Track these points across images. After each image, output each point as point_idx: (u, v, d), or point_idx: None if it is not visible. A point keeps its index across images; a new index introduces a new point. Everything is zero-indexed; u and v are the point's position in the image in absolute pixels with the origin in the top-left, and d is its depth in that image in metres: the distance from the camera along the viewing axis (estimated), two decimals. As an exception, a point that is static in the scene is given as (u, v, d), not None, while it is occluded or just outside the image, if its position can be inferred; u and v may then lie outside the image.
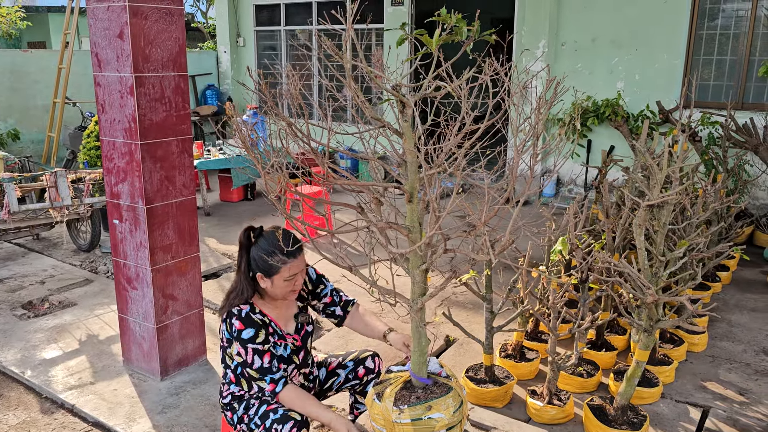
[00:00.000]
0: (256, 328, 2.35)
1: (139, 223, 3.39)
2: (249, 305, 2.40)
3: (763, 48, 6.64)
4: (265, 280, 2.38)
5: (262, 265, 2.36)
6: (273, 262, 2.32)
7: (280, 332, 2.48)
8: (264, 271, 2.36)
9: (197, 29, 16.21)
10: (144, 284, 3.48)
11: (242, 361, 2.34)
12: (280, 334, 2.48)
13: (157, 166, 3.37)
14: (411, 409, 2.23)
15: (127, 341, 3.70)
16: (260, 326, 2.37)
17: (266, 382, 2.34)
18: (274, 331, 2.45)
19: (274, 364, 2.37)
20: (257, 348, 2.33)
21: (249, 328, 2.34)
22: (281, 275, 2.36)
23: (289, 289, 2.40)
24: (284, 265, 2.34)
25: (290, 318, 2.57)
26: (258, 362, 2.33)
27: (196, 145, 7.87)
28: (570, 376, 3.54)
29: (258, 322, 2.37)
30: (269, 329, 2.42)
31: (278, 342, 2.46)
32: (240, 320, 2.34)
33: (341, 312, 2.74)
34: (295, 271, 2.38)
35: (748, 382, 3.69)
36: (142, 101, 3.25)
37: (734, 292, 5.09)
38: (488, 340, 3.42)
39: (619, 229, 3.89)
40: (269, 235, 2.39)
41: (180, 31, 3.37)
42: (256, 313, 2.40)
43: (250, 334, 2.33)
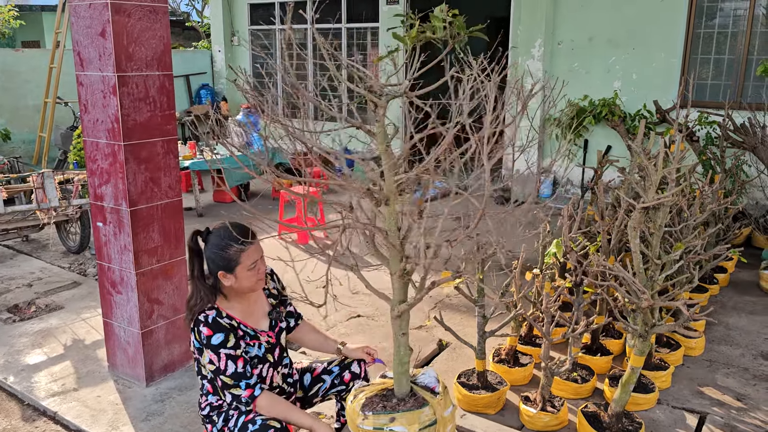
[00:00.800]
0: (225, 333, 2.27)
1: (123, 226, 3.31)
2: (215, 310, 2.31)
3: (761, 47, 6.57)
4: (228, 277, 2.30)
5: (220, 262, 2.28)
6: (230, 254, 2.25)
7: (251, 332, 2.40)
8: (224, 267, 2.28)
9: (192, 28, 16.13)
10: (128, 288, 3.40)
11: (215, 368, 2.25)
12: (252, 333, 2.40)
13: (141, 168, 3.29)
14: (375, 417, 2.20)
15: (112, 346, 3.62)
16: (229, 330, 2.29)
17: (242, 388, 2.27)
18: (245, 333, 2.37)
19: (248, 370, 2.30)
20: (229, 353, 2.25)
21: (218, 333, 2.26)
22: (243, 265, 2.28)
23: (255, 278, 2.33)
24: (243, 253, 2.27)
25: (263, 315, 2.50)
26: (231, 368, 2.25)
27: (189, 145, 7.80)
28: (564, 381, 3.47)
29: (226, 326, 2.29)
30: (238, 332, 2.34)
31: (251, 343, 2.38)
32: (207, 326, 2.26)
33: (294, 323, 2.69)
34: (255, 257, 2.31)
35: (746, 387, 3.62)
36: (126, 101, 3.17)
37: (732, 295, 5.02)
38: (480, 345, 3.35)
39: (614, 231, 3.82)
40: (218, 230, 2.31)
41: (164, 29, 3.29)
42: (224, 317, 2.32)
43: (220, 339, 2.25)
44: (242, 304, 2.40)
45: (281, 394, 2.54)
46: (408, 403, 2.22)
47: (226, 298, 2.36)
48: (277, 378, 2.50)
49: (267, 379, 2.45)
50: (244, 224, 2.33)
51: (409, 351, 2.24)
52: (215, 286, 2.33)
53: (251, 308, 2.43)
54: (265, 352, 2.42)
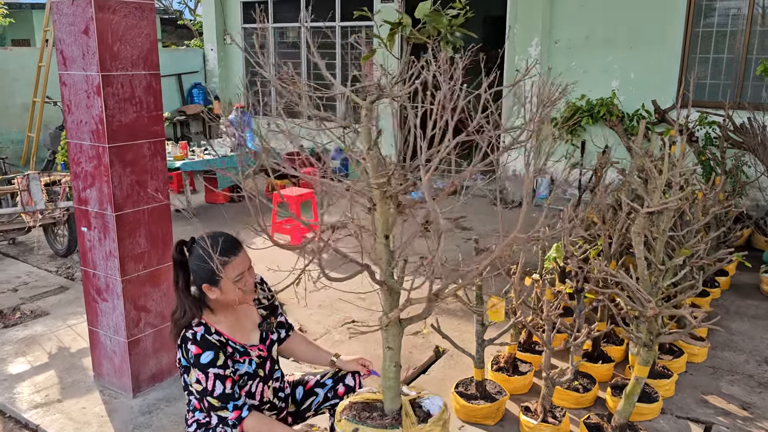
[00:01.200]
0: (215, 351, 2.15)
1: (109, 231, 3.19)
2: (203, 326, 2.19)
3: (760, 46, 6.49)
4: (213, 290, 2.18)
5: (204, 274, 2.16)
6: (214, 267, 2.11)
7: (241, 348, 2.28)
8: (208, 280, 2.16)
9: (185, 26, 15.96)
10: (114, 296, 3.27)
11: (202, 389, 2.13)
12: (242, 349, 2.28)
13: (127, 171, 3.17)
14: (346, 423, 2.16)
15: (98, 356, 3.49)
16: (218, 348, 2.17)
17: (229, 410, 2.15)
18: (234, 349, 2.25)
19: (236, 391, 2.18)
20: (219, 373, 2.13)
21: (207, 351, 2.14)
22: (228, 278, 2.15)
23: (242, 291, 2.20)
24: (227, 265, 2.14)
25: (253, 327, 2.38)
26: (219, 388, 2.13)
27: (181, 145, 7.67)
28: (565, 390, 3.36)
29: (216, 344, 2.17)
30: (228, 349, 2.22)
31: (240, 359, 2.26)
32: (196, 344, 2.14)
33: (285, 335, 2.55)
34: (241, 268, 2.18)
35: (751, 395, 3.53)
36: (110, 102, 3.04)
37: (734, 298, 4.93)
38: (479, 353, 3.24)
39: (615, 235, 3.72)
40: (202, 241, 2.18)
41: (151, 26, 3.17)
42: (212, 333, 2.19)
43: (210, 358, 2.13)
44: (231, 317, 2.28)
45: (272, 409, 2.43)
46: (382, 419, 2.14)
47: (213, 311, 2.24)
48: (268, 393, 2.39)
49: (257, 394, 2.34)
50: (229, 234, 2.21)
51: (397, 367, 2.14)
52: (201, 299, 2.21)
53: (240, 321, 2.31)
54: (256, 368, 2.31)
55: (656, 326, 2.82)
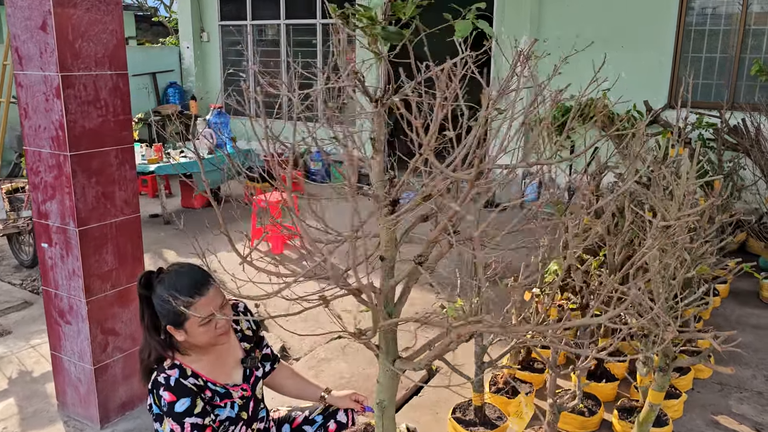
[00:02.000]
0: (192, 397, 1.88)
1: (71, 248, 2.89)
2: (178, 368, 1.91)
3: (754, 45, 6.35)
4: (179, 332, 1.90)
5: (167, 315, 1.88)
6: (176, 308, 1.84)
7: (222, 390, 2.00)
8: (172, 322, 1.88)
9: (160, 24, 15.53)
10: (79, 318, 2.98)
11: None
12: (223, 391, 2.00)
13: (91, 181, 2.87)
14: None
15: (62, 383, 3.19)
16: (196, 393, 1.90)
17: None
18: (214, 392, 1.98)
19: None
20: (196, 422, 1.86)
21: (183, 398, 1.86)
22: (192, 320, 1.87)
23: (211, 334, 1.91)
24: (191, 306, 1.85)
25: (235, 364, 2.09)
26: None
27: (155, 147, 7.33)
28: (570, 414, 3.14)
29: (193, 389, 1.89)
30: (206, 393, 1.95)
31: (221, 403, 1.99)
32: (170, 390, 1.86)
33: (269, 368, 2.28)
34: (209, 309, 1.88)
35: (763, 414, 3.34)
36: (72, 105, 2.74)
37: (734, 307, 4.77)
38: (478, 376, 3.00)
39: (618, 246, 3.50)
40: (168, 275, 1.91)
41: (117, 21, 2.87)
42: (188, 376, 1.92)
43: (186, 405, 1.86)
44: (209, 355, 2.00)
45: (256, 452, 2.16)
46: None
47: (182, 352, 1.96)
48: None
49: None
50: (197, 267, 1.92)
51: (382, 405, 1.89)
52: (170, 339, 1.93)
53: (221, 359, 2.04)
54: (239, 411, 2.04)
55: (672, 349, 2.60)
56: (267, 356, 2.25)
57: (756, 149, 5.34)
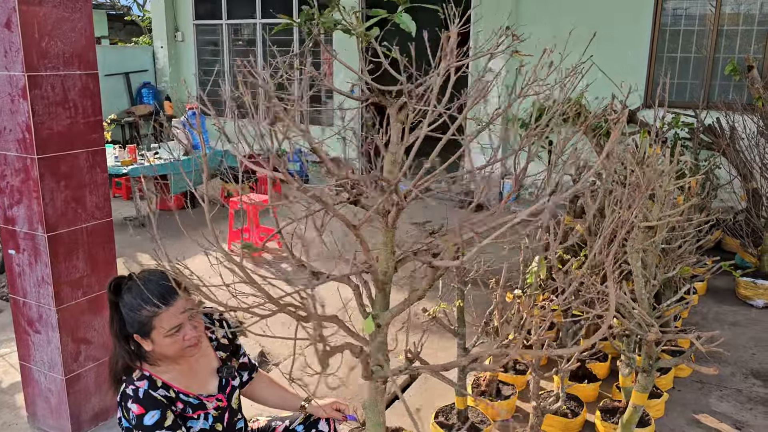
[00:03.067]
0: (162, 409, 1.80)
1: (40, 255, 2.79)
2: (147, 380, 1.83)
3: (727, 45, 6.42)
4: (146, 342, 1.83)
5: (133, 324, 1.81)
6: (141, 317, 1.78)
7: (195, 401, 1.93)
8: (138, 331, 1.81)
9: (133, 23, 15.27)
10: (48, 327, 2.87)
11: None
12: (197, 402, 1.93)
13: (60, 185, 2.77)
14: None
15: (31, 394, 3.08)
16: (166, 405, 1.82)
17: None
18: (186, 403, 1.91)
19: None
20: None
21: (152, 411, 1.79)
22: (158, 331, 1.80)
23: (178, 345, 1.83)
24: (155, 318, 1.79)
25: (210, 374, 2.02)
26: None
27: (129, 149, 7.18)
28: (553, 416, 3.12)
29: (162, 401, 1.82)
30: (177, 405, 1.88)
31: (194, 415, 1.92)
32: (138, 403, 1.79)
33: (247, 378, 2.21)
34: (174, 322, 1.81)
35: (742, 412, 3.35)
36: (39, 106, 2.64)
37: (711, 304, 4.81)
38: (461, 380, 2.97)
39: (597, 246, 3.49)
40: (132, 285, 1.83)
41: (86, 19, 2.78)
42: (158, 387, 1.84)
43: (155, 419, 1.78)
44: (180, 365, 1.93)
45: (233, 464, 2.09)
46: None
47: (151, 362, 1.88)
48: None
49: None
50: (165, 277, 1.82)
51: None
52: (138, 349, 1.86)
53: (194, 369, 1.96)
54: (214, 422, 1.97)
55: (655, 350, 2.59)
56: (244, 365, 2.18)
57: (731, 148, 5.39)
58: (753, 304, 4.77)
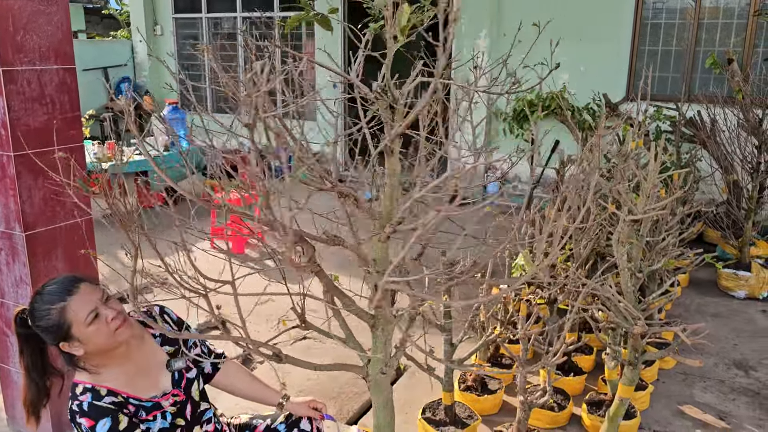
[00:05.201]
0: (111, 415, 1.76)
1: (18, 254, 2.72)
2: (90, 392, 1.78)
3: (708, 39, 6.47)
4: (73, 345, 1.78)
5: (51, 332, 1.76)
6: (52, 319, 1.74)
7: (148, 404, 1.88)
8: (60, 336, 1.76)
9: (111, 16, 15.03)
10: (27, 328, 2.81)
11: None
12: (149, 405, 1.89)
13: (38, 183, 2.71)
14: None
15: (10, 396, 3.02)
16: (115, 410, 1.77)
17: None
18: (138, 407, 1.86)
19: None
20: None
21: (102, 419, 1.74)
22: (76, 322, 1.75)
23: (105, 329, 1.78)
24: (66, 311, 1.75)
25: (159, 371, 1.96)
26: None
27: (108, 145, 7.07)
28: (539, 410, 3.12)
29: (110, 407, 1.77)
30: (129, 408, 1.83)
31: (149, 417, 1.87)
32: (85, 416, 1.74)
33: (210, 368, 2.17)
34: (87, 307, 1.77)
35: (726, 403, 3.39)
36: (15, 102, 2.58)
37: (693, 296, 4.86)
38: (448, 375, 2.96)
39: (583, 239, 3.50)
40: (34, 299, 1.80)
41: (63, 13, 2.70)
42: (103, 396, 1.79)
43: (108, 426, 1.74)
44: (123, 367, 1.87)
45: (211, 461, 2.05)
46: None
47: (97, 372, 1.83)
48: None
49: None
50: (61, 277, 1.84)
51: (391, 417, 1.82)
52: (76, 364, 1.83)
53: (139, 369, 1.91)
54: (173, 418, 1.92)
55: (641, 344, 2.60)
56: (202, 354, 2.12)
57: (712, 141, 5.44)
58: (734, 296, 4.83)
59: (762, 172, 4.89)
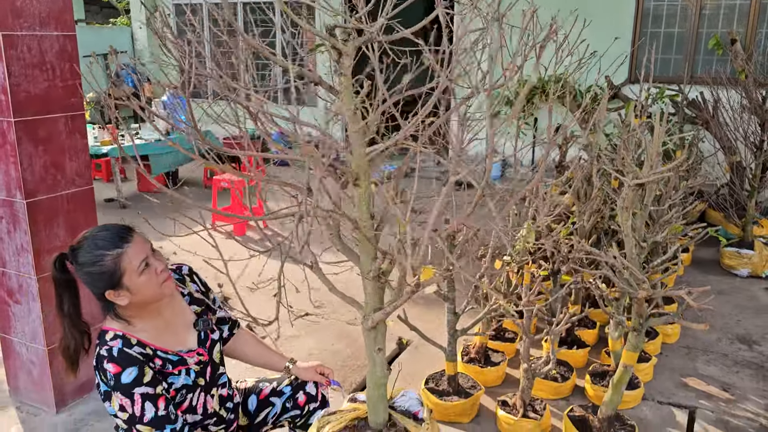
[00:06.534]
0: (139, 366, 1.75)
1: (19, 222, 2.71)
2: (121, 339, 1.78)
3: (711, 20, 6.43)
4: (120, 294, 1.77)
5: (100, 279, 1.74)
6: (107, 265, 1.72)
7: (174, 357, 1.88)
8: (108, 283, 1.75)
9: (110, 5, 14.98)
10: (29, 297, 2.80)
11: (129, 416, 1.74)
12: (176, 359, 1.88)
13: (39, 150, 2.69)
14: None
15: (13, 366, 3.01)
16: (143, 362, 1.77)
17: None
18: (165, 360, 1.85)
19: (171, 411, 1.80)
20: (147, 392, 1.74)
21: (129, 368, 1.73)
22: (129, 271, 1.74)
23: (155, 280, 1.78)
24: (121, 257, 1.74)
25: (186, 329, 1.96)
26: (151, 411, 1.74)
27: (110, 129, 7.05)
28: (543, 380, 3.12)
29: (139, 358, 1.76)
30: (156, 362, 1.82)
31: (175, 371, 1.87)
32: (113, 362, 1.73)
33: (228, 333, 2.17)
34: (141, 255, 1.77)
35: (729, 375, 3.38)
36: (15, 67, 2.56)
37: (696, 274, 4.84)
38: (451, 345, 2.95)
39: (587, 213, 3.49)
40: (83, 243, 1.76)
41: (62, -21, 2.69)
42: (133, 345, 1.79)
43: (133, 375, 1.73)
44: (155, 321, 1.87)
45: (219, 423, 2.05)
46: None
47: (130, 322, 1.83)
48: (212, 403, 2.00)
49: (199, 407, 1.95)
50: (111, 224, 1.82)
51: (387, 371, 1.80)
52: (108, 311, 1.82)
53: (170, 325, 1.91)
54: (196, 377, 1.92)
55: (646, 309, 2.58)
56: (223, 320, 2.14)
57: (715, 121, 5.41)
58: (737, 274, 4.82)
59: (765, 151, 4.87)
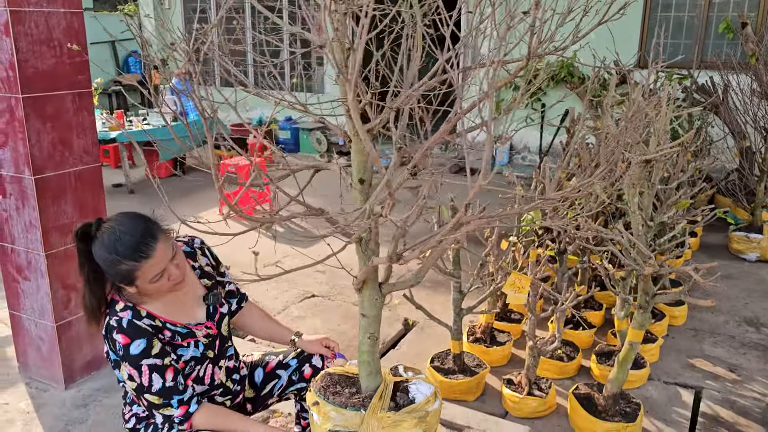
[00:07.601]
0: (147, 337, 1.76)
1: (28, 198, 2.73)
2: (131, 310, 1.78)
3: (721, 4, 6.36)
4: (128, 288, 1.77)
5: (114, 276, 1.74)
6: (121, 271, 1.71)
7: (183, 330, 1.89)
8: (119, 280, 1.75)
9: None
10: (38, 273, 2.83)
11: (137, 385, 1.76)
12: (185, 331, 1.89)
13: (47, 126, 2.70)
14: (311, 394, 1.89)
15: (22, 343, 3.04)
16: (152, 334, 1.78)
17: (174, 407, 1.79)
18: (174, 332, 1.86)
19: (180, 381, 1.82)
20: (155, 363, 1.76)
21: (137, 340, 1.74)
22: (142, 279, 1.73)
23: (166, 286, 1.78)
24: (138, 270, 1.71)
25: (196, 302, 1.97)
26: (158, 382, 1.76)
27: (117, 114, 7.07)
28: (549, 360, 3.12)
29: (148, 329, 1.77)
30: (165, 333, 1.83)
31: (184, 343, 1.88)
32: (123, 333, 1.74)
33: (236, 307, 2.17)
34: (158, 267, 1.73)
35: (736, 356, 3.37)
36: (23, 43, 2.56)
37: (704, 259, 4.82)
38: (457, 324, 2.96)
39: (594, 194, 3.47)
40: (107, 234, 1.72)
41: (69, -45, 2.68)
42: (143, 317, 1.79)
43: (142, 347, 1.74)
44: (164, 297, 1.88)
45: (226, 394, 2.06)
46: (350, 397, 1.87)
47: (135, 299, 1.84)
48: (219, 374, 2.02)
49: (206, 378, 1.97)
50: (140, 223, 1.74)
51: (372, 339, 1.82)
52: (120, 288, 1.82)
53: (179, 298, 1.91)
54: (205, 349, 1.93)
55: (652, 286, 2.58)
56: (232, 293, 2.15)
57: (725, 105, 5.37)
58: (746, 258, 4.79)
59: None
